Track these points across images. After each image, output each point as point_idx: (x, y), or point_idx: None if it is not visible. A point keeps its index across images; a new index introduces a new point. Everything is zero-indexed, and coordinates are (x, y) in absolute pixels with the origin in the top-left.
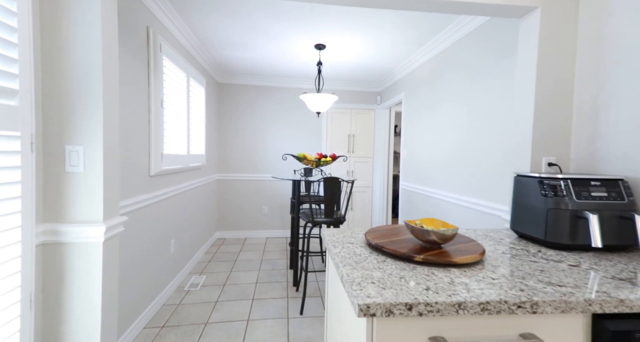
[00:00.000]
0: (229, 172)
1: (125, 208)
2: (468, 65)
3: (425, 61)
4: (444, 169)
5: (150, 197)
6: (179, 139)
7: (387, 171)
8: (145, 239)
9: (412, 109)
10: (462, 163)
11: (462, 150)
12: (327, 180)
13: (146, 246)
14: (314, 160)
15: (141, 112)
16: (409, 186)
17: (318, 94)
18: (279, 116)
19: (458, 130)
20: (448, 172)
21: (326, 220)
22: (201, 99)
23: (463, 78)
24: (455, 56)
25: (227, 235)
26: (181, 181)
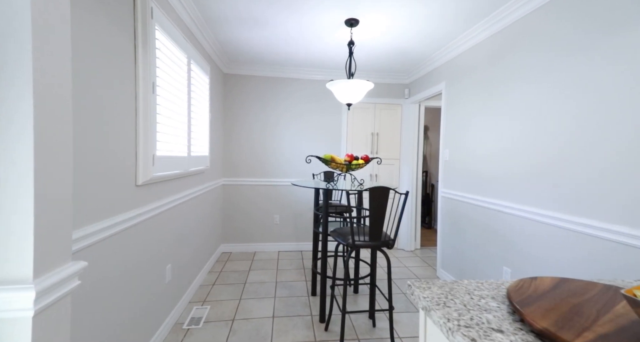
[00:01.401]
0: (236, 177)
1: (93, 236)
2: (557, 43)
3: (480, 41)
4: (519, 176)
5: (137, 215)
6: (178, 137)
7: (415, 175)
8: (129, 271)
9: (457, 102)
10: (556, 168)
11: (555, 151)
12: (375, 191)
13: (131, 281)
14: (343, 164)
15: (124, 99)
16: (454, 194)
17: (350, 80)
18: (291, 112)
19: (544, 125)
20: (527, 179)
21: (371, 243)
22: (205, 89)
23: (551, 60)
24: (534, 31)
25: (234, 249)
26: (180, 189)
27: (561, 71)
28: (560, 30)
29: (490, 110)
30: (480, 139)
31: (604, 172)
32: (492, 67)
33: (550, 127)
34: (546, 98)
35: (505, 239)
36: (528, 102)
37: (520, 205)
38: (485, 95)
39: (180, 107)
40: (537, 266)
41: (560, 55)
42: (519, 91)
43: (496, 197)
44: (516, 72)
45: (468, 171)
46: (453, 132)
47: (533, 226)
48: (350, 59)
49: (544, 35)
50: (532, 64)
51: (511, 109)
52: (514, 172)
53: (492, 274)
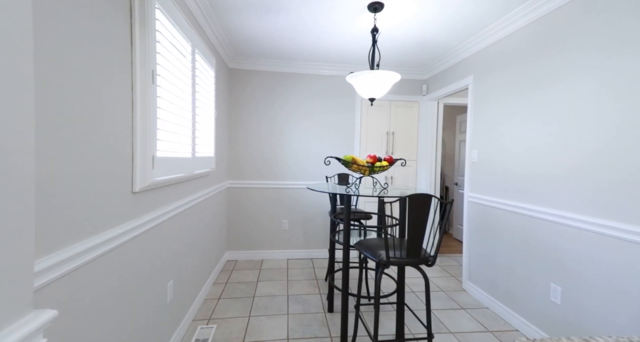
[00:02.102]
0: (242, 179)
1: (79, 258)
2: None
3: (519, 28)
4: (571, 179)
5: (133, 228)
6: (181, 136)
7: (434, 178)
8: (125, 293)
9: (488, 98)
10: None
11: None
12: (415, 199)
13: (127, 305)
14: (366, 166)
15: (117, 88)
16: (484, 199)
17: (374, 71)
18: (301, 109)
19: (598, 122)
20: (581, 183)
21: (409, 260)
22: (210, 83)
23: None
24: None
25: (240, 256)
26: (183, 194)
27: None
28: (613, 24)
29: (532, 106)
30: (520, 139)
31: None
32: (531, 60)
33: (605, 125)
34: (600, 95)
35: (553, 252)
36: (578, 97)
37: (573, 213)
38: (525, 89)
39: (184, 101)
40: (594, 286)
41: (611, 52)
42: (568, 85)
43: (540, 203)
44: (562, 67)
45: (503, 174)
46: (483, 131)
47: (590, 237)
48: (374, 47)
49: (594, 26)
50: (578, 59)
51: (559, 104)
52: (564, 176)
53: (536, 290)
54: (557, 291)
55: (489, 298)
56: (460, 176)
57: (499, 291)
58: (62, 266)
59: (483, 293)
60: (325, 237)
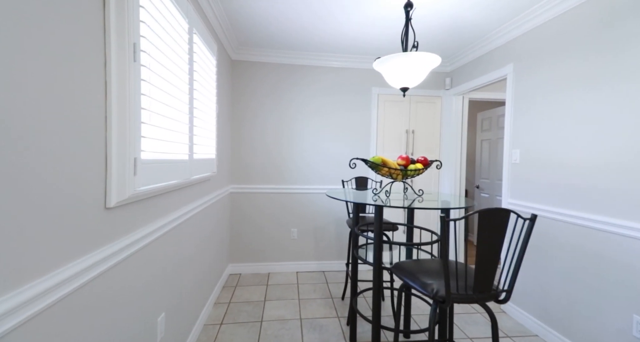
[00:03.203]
0: (246, 183)
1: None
2: None
3: (578, 3)
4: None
5: (106, 257)
6: (176, 134)
7: (459, 181)
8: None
9: (534, 90)
10: None
11: None
12: (487, 215)
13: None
14: (398, 169)
15: (80, 65)
16: (529, 207)
17: (409, 53)
18: (311, 105)
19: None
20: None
21: (478, 296)
22: (211, 73)
23: None
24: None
25: (244, 269)
26: (178, 204)
27: None
28: None
29: (602, 94)
30: (577, 138)
31: None
32: (596, 43)
33: None
34: None
35: (633, 275)
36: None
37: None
38: (591, 76)
39: (180, 90)
40: None
41: None
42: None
43: (613, 215)
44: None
45: (554, 178)
46: (527, 127)
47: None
48: (408, 25)
49: None
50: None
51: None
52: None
53: (611, 323)
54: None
55: (539, 324)
56: (482, 178)
57: (553, 317)
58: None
59: (530, 317)
60: (338, 248)
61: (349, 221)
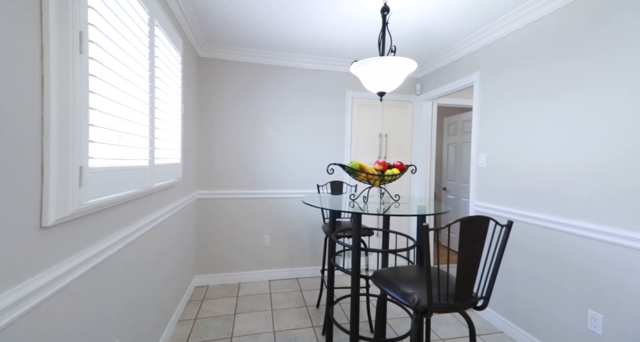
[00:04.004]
0: (215, 188)
1: None
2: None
3: (539, 17)
4: (610, 190)
5: (42, 286)
6: (134, 137)
7: (429, 184)
8: None
9: (499, 97)
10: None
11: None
12: (469, 223)
13: None
14: (376, 174)
15: (9, 58)
16: (494, 209)
17: (386, 57)
18: (286, 108)
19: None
20: (622, 195)
21: (458, 304)
22: (176, 70)
23: None
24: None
25: (212, 280)
26: (137, 216)
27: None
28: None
29: (564, 101)
30: (540, 142)
31: None
32: (560, 52)
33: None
34: None
35: (590, 274)
36: (619, 95)
37: (614, 228)
38: (549, 89)
39: (139, 88)
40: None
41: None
42: (606, 82)
43: (571, 216)
44: (598, 61)
45: (519, 181)
46: (492, 133)
47: (637, 256)
48: (385, 30)
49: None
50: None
51: (597, 107)
52: (601, 185)
53: (569, 318)
54: (597, 318)
55: (504, 321)
56: (449, 180)
57: (516, 313)
58: None
59: (496, 315)
60: (313, 253)
61: (324, 226)
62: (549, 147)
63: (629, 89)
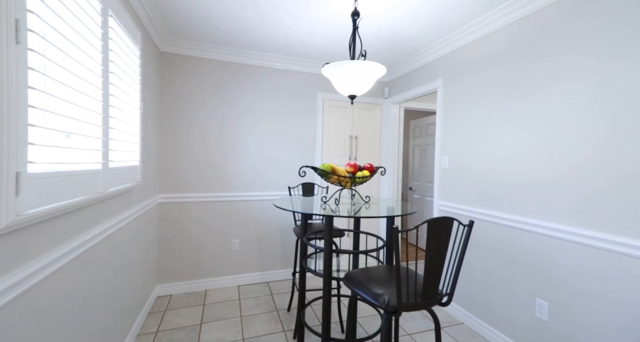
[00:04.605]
0: (182, 191)
1: None
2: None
3: (495, 29)
4: (554, 189)
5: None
6: (84, 138)
7: (397, 185)
8: None
9: (460, 102)
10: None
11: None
12: (435, 224)
13: None
14: (347, 176)
15: None
16: (456, 208)
17: (357, 61)
18: (256, 109)
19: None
20: (566, 193)
21: (426, 302)
22: (134, 66)
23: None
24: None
25: (175, 289)
26: (87, 225)
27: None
28: (599, 27)
29: (513, 109)
30: (496, 146)
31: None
32: (511, 62)
33: (587, 134)
34: (580, 102)
35: (538, 265)
36: (561, 106)
37: (560, 225)
38: (502, 95)
39: (90, 84)
40: (587, 301)
41: (597, 56)
42: (551, 92)
43: (522, 214)
44: (545, 69)
45: (477, 182)
46: (454, 136)
47: (580, 251)
48: (355, 34)
49: (579, 30)
50: (563, 62)
51: (542, 110)
52: (545, 185)
53: (519, 306)
54: (543, 306)
55: (464, 313)
56: (414, 180)
57: (475, 305)
58: None
59: (457, 307)
60: (284, 256)
61: (295, 228)
62: (502, 150)
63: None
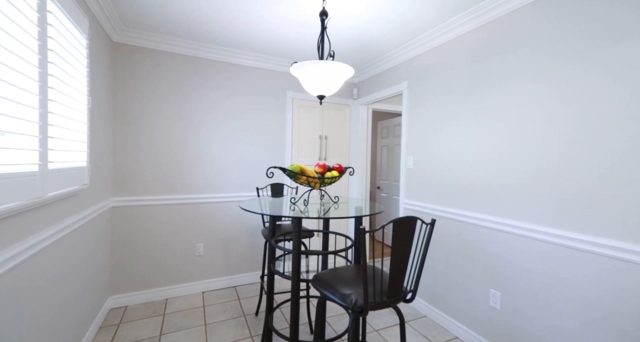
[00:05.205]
0: (139, 194)
1: None
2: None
3: (457, 36)
4: (507, 187)
5: None
6: (16, 136)
7: (365, 185)
8: None
9: (424, 105)
10: (549, 179)
11: (547, 160)
12: (400, 224)
13: None
14: (316, 177)
15: None
16: (420, 206)
17: (326, 61)
18: (223, 107)
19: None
20: (516, 191)
21: (391, 300)
22: (80, 57)
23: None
24: (526, 29)
25: (131, 300)
26: (22, 235)
27: (555, 76)
28: (556, 31)
29: (469, 114)
30: (457, 147)
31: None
32: (471, 67)
33: (539, 135)
34: (538, 104)
35: (491, 258)
36: (517, 107)
37: (510, 220)
38: (462, 98)
39: (23, 75)
40: (533, 290)
41: (554, 58)
42: (506, 95)
43: (478, 210)
44: (503, 74)
45: (439, 181)
46: (418, 137)
47: (528, 244)
48: (324, 34)
49: (537, 35)
50: (522, 65)
51: (496, 114)
52: (500, 183)
53: (475, 297)
54: (496, 296)
55: (427, 306)
56: (382, 179)
57: (437, 298)
58: None
59: (421, 301)
60: (252, 259)
61: (264, 230)
62: (461, 150)
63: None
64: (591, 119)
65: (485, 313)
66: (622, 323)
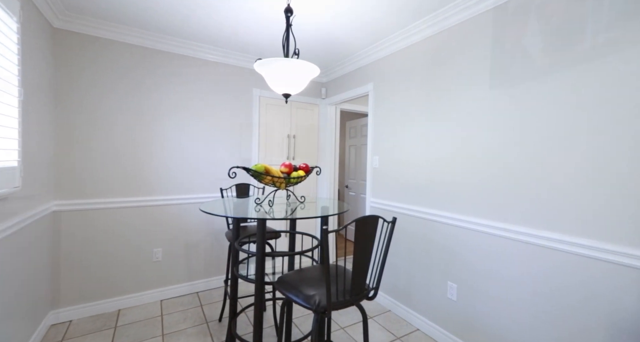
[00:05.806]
0: (85, 197)
1: None
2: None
3: (421, 39)
4: (463, 186)
5: None
6: None
7: (334, 185)
8: None
9: (388, 106)
10: (505, 178)
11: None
12: (363, 223)
13: None
14: (282, 177)
15: None
16: (385, 205)
17: (291, 59)
18: (184, 104)
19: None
20: (472, 190)
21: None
22: (9, 43)
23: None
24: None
25: (78, 313)
26: None
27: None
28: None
29: (429, 116)
30: (419, 147)
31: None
32: (430, 71)
33: (490, 137)
34: (495, 107)
35: (449, 253)
36: (476, 109)
37: (465, 216)
38: (423, 100)
39: None
40: (486, 281)
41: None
42: (460, 98)
43: (437, 207)
44: (465, 76)
45: (403, 180)
46: (383, 138)
47: (480, 238)
48: (288, 31)
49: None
50: (482, 68)
51: (451, 115)
52: (455, 182)
53: (435, 290)
54: (453, 288)
55: (391, 300)
56: (350, 179)
57: (399, 293)
58: None
59: (385, 296)
60: (216, 263)
61: (228, 233)
62: (423, 150)
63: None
64: (535, 122)
65: (444, 305)
66: (568, 314)
